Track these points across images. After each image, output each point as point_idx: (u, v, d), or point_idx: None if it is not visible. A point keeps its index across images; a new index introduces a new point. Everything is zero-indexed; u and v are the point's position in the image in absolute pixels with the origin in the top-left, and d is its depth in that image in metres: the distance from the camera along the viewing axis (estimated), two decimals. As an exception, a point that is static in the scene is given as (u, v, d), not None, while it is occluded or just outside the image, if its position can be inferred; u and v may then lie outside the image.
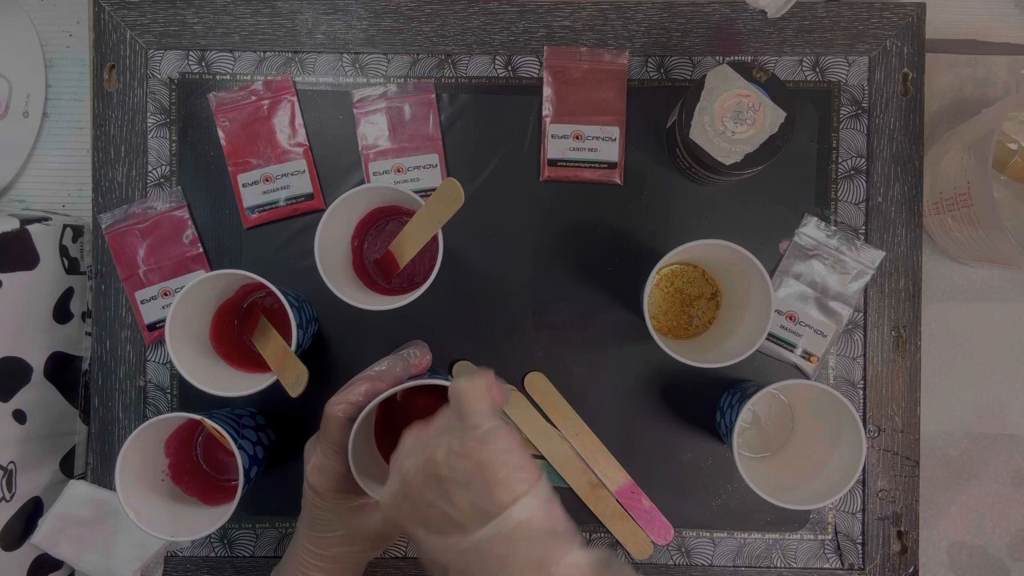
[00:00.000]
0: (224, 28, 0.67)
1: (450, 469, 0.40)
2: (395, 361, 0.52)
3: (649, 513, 0.66)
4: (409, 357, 0.52)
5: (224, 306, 0.62)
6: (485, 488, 0.39)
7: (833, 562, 0.66)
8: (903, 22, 0.67)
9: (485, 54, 0.68)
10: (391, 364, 0.51)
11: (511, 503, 0.39)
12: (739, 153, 0.58)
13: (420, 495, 0.42)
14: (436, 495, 0.41)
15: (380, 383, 0.50)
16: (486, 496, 0.39)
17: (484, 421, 0.41)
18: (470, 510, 0.39)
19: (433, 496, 0.41)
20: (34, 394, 0.63)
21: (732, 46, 0.67)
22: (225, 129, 0.66)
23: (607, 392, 0.66)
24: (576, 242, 0.67)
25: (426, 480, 0.41)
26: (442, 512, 0.40)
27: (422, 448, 0.43)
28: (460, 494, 0.40)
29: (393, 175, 0.66)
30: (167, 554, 0.67)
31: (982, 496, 0.68)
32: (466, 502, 0.40)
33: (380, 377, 0.50)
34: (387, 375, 0.50)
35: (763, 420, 0.66)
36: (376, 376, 0.50)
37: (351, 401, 0.49)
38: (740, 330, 0.60)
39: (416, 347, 0.54)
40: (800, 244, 0.66)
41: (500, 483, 0.39)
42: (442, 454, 0.41)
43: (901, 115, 0.67)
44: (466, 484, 0.40)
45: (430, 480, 0.41)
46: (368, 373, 0.50)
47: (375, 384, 0.50)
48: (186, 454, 0.64)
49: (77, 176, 0.69)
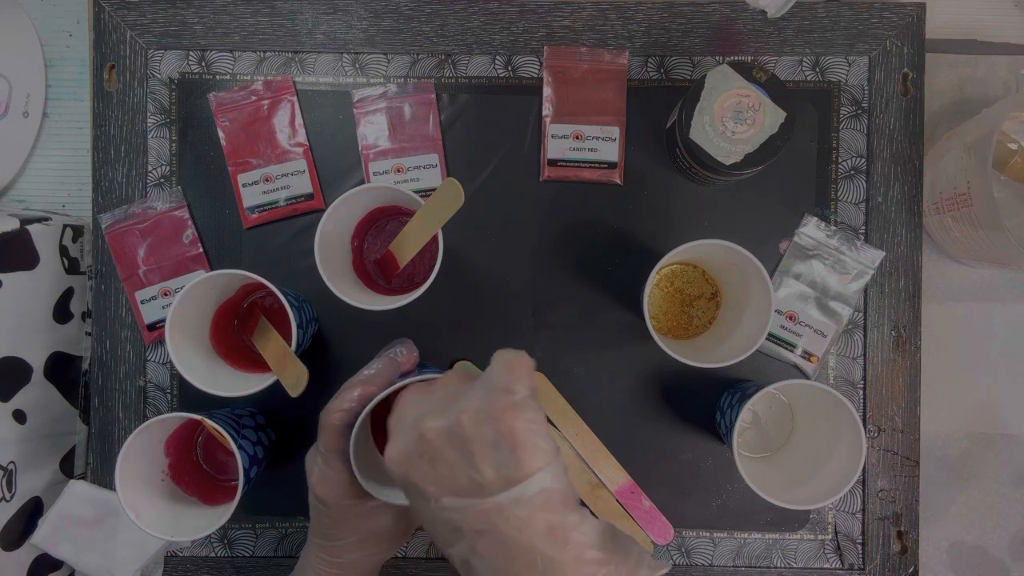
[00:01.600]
0: (224, 28, 0.67)
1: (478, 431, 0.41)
2: (384, 363, 0.52)
3: (649, 513, 0.66)
4: (396, 356, 0.53)
5: (224, 306, 0.62)
6: (512, 453, 0.40)
7: (833, 562, 0.66)
8: (903, 22, 0.67)
9: (485, 54, 0.68)
10: (380, 366, 0.51)
11: (535, 471, 0.40)
12: (739, 153, 0.58)
13: (440, 454, 0.42)
14: (458, 455, 0.41)
15: (372, 386, 0.50)
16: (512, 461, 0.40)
17: (520, 389, 0.42)
18: (494, 474, 0.40)
19: (454, 456, 0.41)
20: (34, 394, 0.63)
21: (732, 46, 0.67)
22: (225, 129, 0.66)
23: (607, 392, 0.66)
24: (576, 242, 0.67)
25: (451, 439, 0.41)
26: (463, 472, 0.41)
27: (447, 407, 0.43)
28: (486, 456, 0.40)
29: (393, 175, 0.66)
30: (167, 554, 0.67)
31: (982, 496, 0.68)
32: (491, 465, 0.40)
33: (371, 380, 0.50)
34: (378, 378, 0.50)
35: (763, 420, 0.66)
36: (367, 380, 0.50)
37: (346, 408, 0.49)
38: (740, 330, 0.60)
39: (402, 345, 0.54)
40: (800, 244, 0.66)
41: (528, 451, 0.40)
42: (471, 415, 0.41)
43: (901, 115, 0.67)
44: (494, 447, 0.40)
45: (455, 439, 0.41)
46: (359, 378, 0.50)
47: (367, 388, 0.50)
48: (186, 454, 0.64)
49: (77, 176, 0.69)
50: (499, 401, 0.41)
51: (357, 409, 0.49)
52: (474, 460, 0.40)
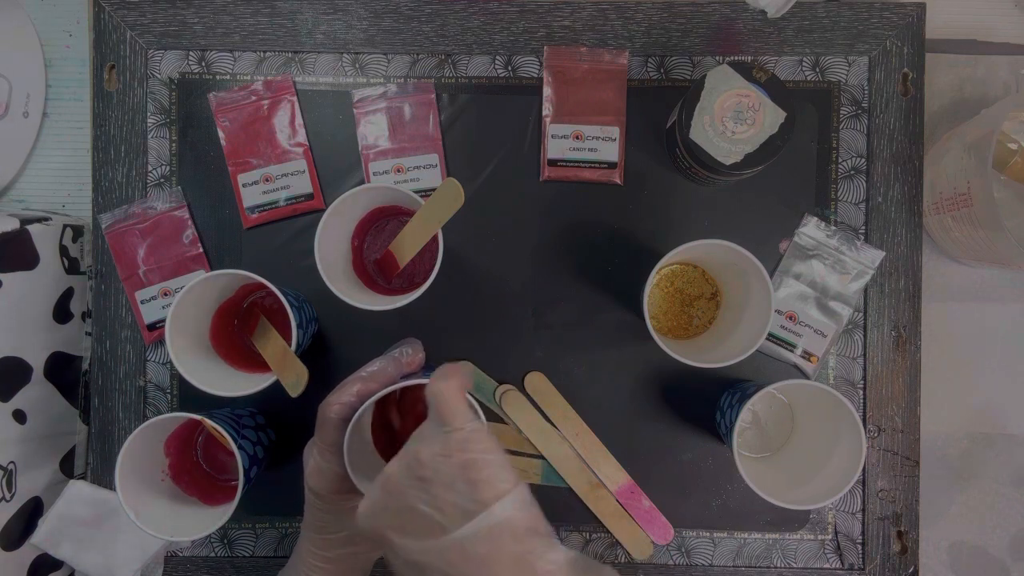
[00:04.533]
0: (224, 28, 0.67)
1: (434, 471, 0.41)
2: (387, 362, 0.52)
3: (649, 513, 0.66)
4: (401, 356, 0.53)
5: (224, 306, 0.62)
6: (468, 487, 0.40)
7: (833, 562, 0.66)
8: (903, 22, 0.67)
9: (485, 54, 0.68)
10: (383, 365, 0.51)
11: (493, 501, 0.40)
12: (739, 153, 0.58)
13: (402, 499, 0.42)
14: (419, 497, 0.41)
15: (372, 383, 0.50)
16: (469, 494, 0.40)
17: (465, 423, 0.42)
18: (452, 509, 0.40)
19: (415, 498, 0.41)
20: (34, 394, 0.63)
21: (732, 46, 0.67)
22: (225, 129, 0.66)
23: (607, 392, 0.66)
24: (576, 242, 0.67)
25: (409, 483, 0.42)
26: (424, 514, 0.41)
27: (404, 453, 0.43)
28: (443, 494, 0.40)
29: (393, 175, 0.66)
30: (167, 554, 0.67)
31: (982, 496, 0.68)
32: (449, 502, 0.40)
33: (372, 378, 0.50)
34: (379, 375, 0.51)
35: (763, 420, 0.66)
36: (368, 377, 0.50)
37: (344, 402, 0.49)
38: (740, 330, 0.60)
39: (409, 345, 0.54)
40: (800, 244, 0.66)
41: (483, 481, 0.40)
42: (426, 456, 0.42)
43: (901, 115, 0.67)
44: (450, 484, 0.40)
45: (413, 482, 0.42)
46: (360, 374, 0.51)
47: (367, 384, 0.50)
48: (186, 454, 0.64)
49: (77, 176, 0.69)
50: (449, 440, 0.41)
51: (355, 404, 0.49)
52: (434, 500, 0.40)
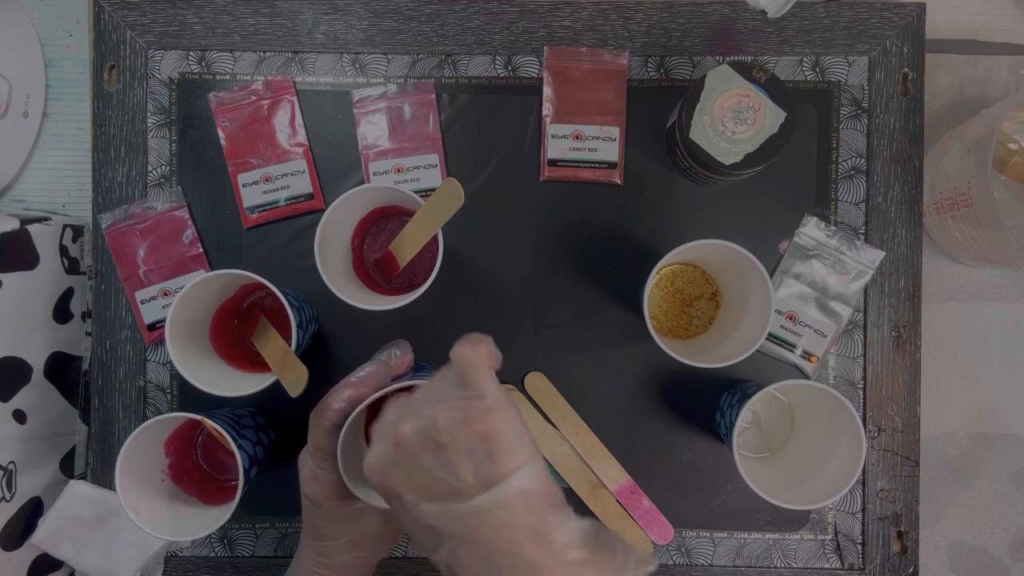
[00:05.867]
0: (224, 28, 0.67)
1: (452, 437, 0.40)
2: (376, 366, 0.52)
3: (649, 513, 0.66)
4: (390, 359, 0.53)
5: (224, 306, 0.62)
6: (488, 456, 0.39)
7: (833, 562, 0.66)
8: (903, 22, 0.67)
9: (485, 54, 0.68)
10: (373, 369, 0.51)
11: (512, 471, 0.39)
12: (739, 153, 0.58)
13: (416, 461, 0.41)
14: (435, 461, 0.41)
15: (363, 388, 0.50)
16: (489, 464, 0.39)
17: (489, 391, 0.42)
18: (471, 477, 0.39)
19: (431, 462, 0.41)
20: (34, 394, 0.63)
21: (732, 46, 0.67)
22: (225, 129, 0.66)
23: (607, 392, 0.66)
24: (576, 242, 0.67)
25: (425, 446, 0.41)
26: (440, 478, 0.40)
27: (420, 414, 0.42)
28: (462, 461, 0.40)
29: (393, 175, 0.66)
30: (167, 554, 0.67)
31: (982, 496, 0.68)
32: (468, 469, 0.40)
33: (363, 382, 0.50)
34: (369, 380, 0.50)
35: (763, 420, 0.66)
36: (359, 382, 0.50)
37: (336, 408, 0.49)
38: (740, 330, 0.60)
39: (397, 347, 0.54)
40: (800, 244, 0.66)
41: (504, 452, 0.39)
42: (444, 421, 0.41)
43: (901, 115, 0.67)
44: (469, 452, 0.40)
45: (429, 446, 0.41)
46: (350, 379, 0.50)
47: (358, 389, 0.50)
48: (186, 454, 0.64)
49: (77, 176, 0.69)
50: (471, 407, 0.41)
51: (347, 410, 0.49)
52: (451, 466, 0.40)
